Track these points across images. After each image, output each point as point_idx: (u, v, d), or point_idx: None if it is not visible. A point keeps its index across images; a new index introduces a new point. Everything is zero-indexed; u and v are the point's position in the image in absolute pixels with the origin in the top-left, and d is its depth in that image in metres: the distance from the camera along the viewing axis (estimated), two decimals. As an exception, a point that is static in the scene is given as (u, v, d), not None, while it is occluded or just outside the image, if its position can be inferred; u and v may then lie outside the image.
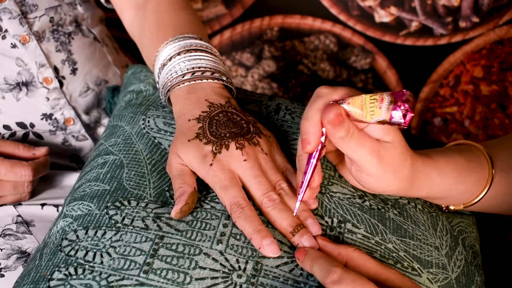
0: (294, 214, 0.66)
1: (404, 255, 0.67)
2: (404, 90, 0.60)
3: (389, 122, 0.60)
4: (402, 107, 0.59)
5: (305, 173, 0.65)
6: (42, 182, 0.95)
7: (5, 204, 0.89)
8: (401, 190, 0.68)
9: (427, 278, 0.67)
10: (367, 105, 0.60)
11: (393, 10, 1.35)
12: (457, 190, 0.71)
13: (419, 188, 0.69)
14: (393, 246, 0.68)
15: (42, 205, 0.91)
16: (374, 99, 0.60)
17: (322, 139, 0.63)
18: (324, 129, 0.63)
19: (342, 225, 0.69)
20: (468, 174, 0.70)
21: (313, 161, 0.64)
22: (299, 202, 0.66)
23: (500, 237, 0.96)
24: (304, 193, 0.66)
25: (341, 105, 0.61)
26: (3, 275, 0.80)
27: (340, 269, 0.58)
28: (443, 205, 0.76)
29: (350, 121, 0.62)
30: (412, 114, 0.59)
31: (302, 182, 0.65)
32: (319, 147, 0.64)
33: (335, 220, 0.69)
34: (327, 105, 0.62)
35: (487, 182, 0.70)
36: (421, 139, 1.23)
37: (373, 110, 0.60)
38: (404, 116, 0.59)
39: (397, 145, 0.64)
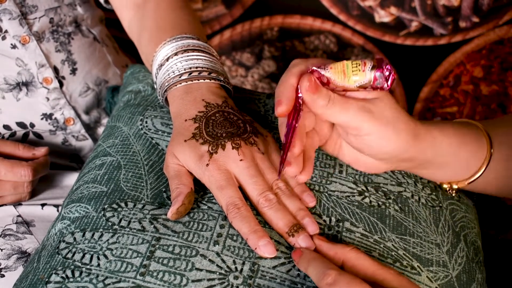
0: (278, 178, 0.66)
1: (403, 253, 0.67)
2: (382, 58, 0.61)
3: (372, 86, 0.61)
4: (386, 69, 0.60)
5: (285, 135, 0.65)
6: (42, 182, 0.95)
7: (5, 204, 0.89)
8: (407, 147, 0.66)
9: (427, 276, 0.66)
10: (349, 69, 0.61)
11: (393, 10, 1.34)
12: (455, 163, 0.70)
13: (424, 148, 0.68)
14: (392, 244, 0.68)
15: (42, 205, 0.91)
16: (356, 63, 0.61)
17: (300, 101, 0.64)
18: (301, 95, 0.63)
19: (340, 224, 0.69)
20: (467, 144, 0.69)
21: (293, 122, 0.64)
22: (281, 166, 0.66)
23: (501, 236, 0.96)
24: (285, 156, 0.65)
25: (322, 71, 0.62)
26: (3, 275, 0.80)
27: (335, 271, 0.57)
28: (446, 185, 0.75)
29: (329, 88, 0.62)
30: (395, 76, 0.60)
31: (284, 144, 0.65)
32: (297, 110, 0.64)
33: (333, 219, 0.69)
34: (302, 75, 0.63)
35: (486, 159, 0.70)
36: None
37: (356, 73, 0.61)
38: (388, 77, 0.60)
39: (384, 99, 0.64)
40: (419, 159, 0.69)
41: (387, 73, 0.60)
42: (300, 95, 0.63)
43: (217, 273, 0.62)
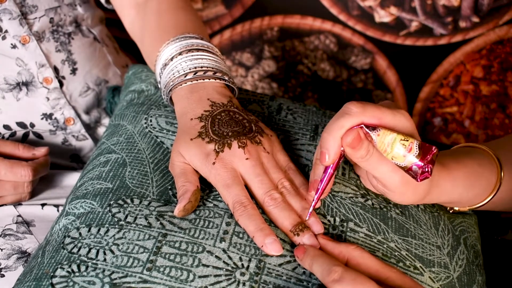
0: (307, 218, 0.67)
1: (406, 254, 0.68)
2: (433, 147, 0.61)
3: (404, 170, 0.62)
4: (425, 168, 0.61)
5: (321, 180, 0.66)
6: (42, 182, 0.95)
7: (5, 204, 0.89)
8: (415, 202, 0.69)
9: (429, 277, 0.67)
10: (394, 146, 0.61)
11: (393, 10, 1.35)
12: (467, 197, 0.72)
13: (431, 198, 0.70)
14: (395, 245, 0.68)
15: (42, 205, 0.91)
16: (403, 144, 0.61)
17: (342, 150, 0.64)
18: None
19: (345, 224, 0.69)
20: (478, 180, 0.71)
21: (330, 171, 0.65)
22: (312, 208, 0.66)
23: (500, 237, 0.96)
24: (318, 200, 0.66)
25: (370, 132, 0.62)
26: (3, 275, 0.80)
27: (341, 268, 0.58)
28: (448, 208, 0.77)
29: (369, 141, 0.63)
30: (429, 176, 0.61)
31: (318, 189, 0.66)
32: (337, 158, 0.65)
33: (337, 219, 0.69)
34: (348, 129, 0.62)
35: (495, 187, 0.71)
36: (420, 139, 1.23)
37: (398, 154, 0.61)
38: (422, 174, 0.61)
39: None
40: (425, 203, 0.73)
41: (422, 171, 0.61)
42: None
43: (224, 269, 0.62)
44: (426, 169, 0.60)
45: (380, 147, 0.62)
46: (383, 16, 1.36)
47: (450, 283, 0.68)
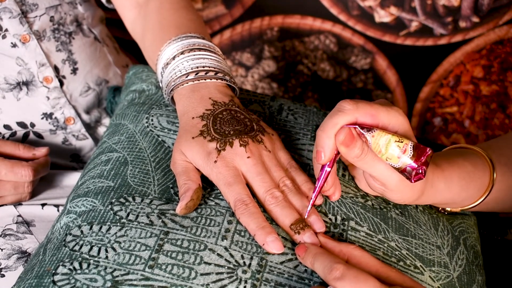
0: (306, 216, 0.67)
1: (406, 253, 0.68)
2: (428, 149, 0.61)
3: (398, 170, 0.62)
4: (419, 170, 0.61)
5: (318, 179, 0.66)
6: (42, 182, 0.95)
7: (6, 204, 0.89)
8: (412, 201, 0.69)
9: (429, 276, 0.67)
10: (389, 147, 0.61)
11: (393, 10, 1.35)
12: (460, 197, 0.72)
13: (426, 198, 0.70)
14: (395, 244, 0.68)
15: (43, 205, 0.90)
16: (398, 145, 0.61)
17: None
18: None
19: (346, 222, 0.69)
20: (472, 180, 0.71)
21: (327, 169, 0.65)
22: (310, 206, 0.67)
23: (500, 237, 0.96)
24: (315, 198, 0.67)
25: (365, 134, 0.62)
26: (3, 275, 0.80)
27: (343, 265, 0.58)
28: (440, 208, 0.77)
29: (363, 141, 0.63)
30: (423, 179, 0.62)
31: (315, 187, 0.66)
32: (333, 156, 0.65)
33: (338, 217, 0.69)
34: (340, 127, 0.62)
35: (488, 187, 0.72)
36: (420, 139, 1.23)
37: (392, 155, 0.61)
38: (416, 175, 0.61)
39: None
40: (420, 203, 0.73)
41: (416, 172, 0.61)
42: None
43: (226, 267, 0.62)
44: (420, 171, 0.61)
45: (375, 148, 0.62)
46: (383, 16, 1.36)
47: (450, 283, 0.68)
